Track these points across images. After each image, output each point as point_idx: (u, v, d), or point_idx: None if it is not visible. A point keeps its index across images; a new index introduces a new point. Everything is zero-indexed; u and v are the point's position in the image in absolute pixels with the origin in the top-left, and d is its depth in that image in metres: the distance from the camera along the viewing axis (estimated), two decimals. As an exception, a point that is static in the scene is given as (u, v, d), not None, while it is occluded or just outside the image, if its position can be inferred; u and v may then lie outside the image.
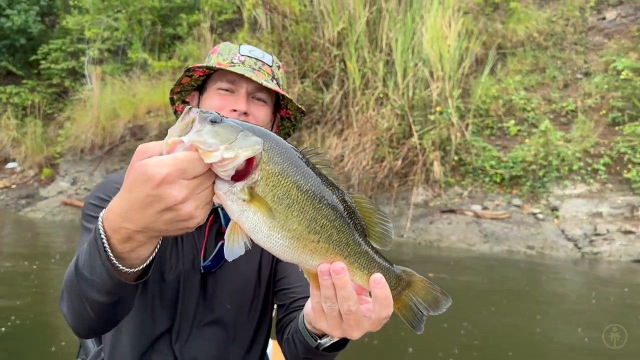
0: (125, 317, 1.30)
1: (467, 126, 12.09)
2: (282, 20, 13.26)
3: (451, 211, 11.18)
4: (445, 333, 5.41)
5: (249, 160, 0.96)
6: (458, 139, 11.79)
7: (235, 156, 0.93)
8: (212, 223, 1.65)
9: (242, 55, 1.70)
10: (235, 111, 1.60)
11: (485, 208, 11.18)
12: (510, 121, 12.23)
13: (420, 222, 11.10)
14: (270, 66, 1.73)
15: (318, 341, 1.31)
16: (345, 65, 12.70)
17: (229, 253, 1.01)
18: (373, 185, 11.65)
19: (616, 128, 11.57)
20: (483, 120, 12.42)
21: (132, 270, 1.09)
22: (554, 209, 10.89)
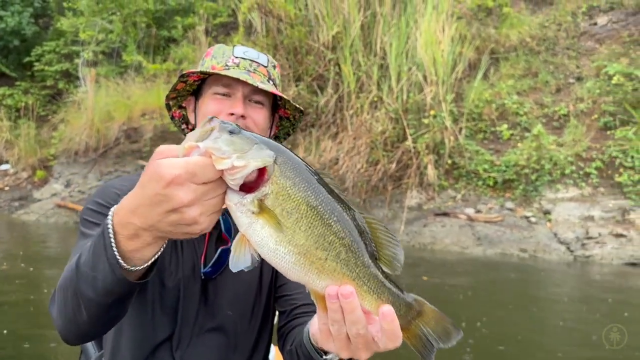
0: (123, 323, 1.28)
1: (461, 130, 12.19)
2: (277, 23, 13.32)
3: (445, 214, 11.27)
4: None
5: (261, 173, 0.96)
6: (451, 143, 11.88)
7: (245, 165, 0.93)
8: (212, 229, 1.61)
9: (237, 57, 1.67)
10: (232, 115, 1.57)
11: (478, 211, 11.27)
12: (503, 125, 12.34)
13: (414, 225, 11.17)
14: (265, 67, 1.70)
15: (324, 357, 1.29)
16: (339, 68, 12.78)
17: (234, 264, 1.01)
18: (367, 188, 11.71)
19: (608, 132, 11.71)
20: (476, 124, 12.53)
21: (135, 268, 1.09)
22: (547, 213, 11.00)
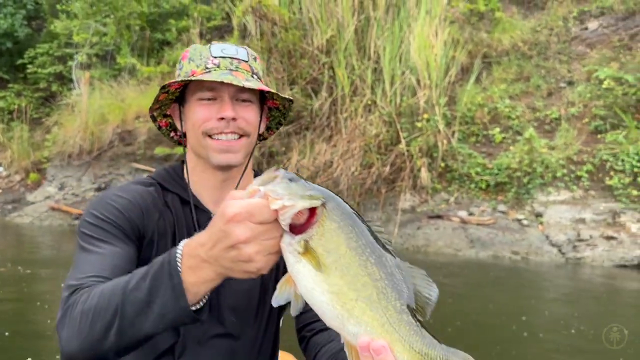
0: None
1: (454, 133, 12.29)
2: (272, 27, 13.36)
3: (438, 217, 11.36)
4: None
5: (311, 216, 1.01)
6: (444, 146, 11.98)
7: (293, 205, 0.98)
8: None
9: (215, 57, 1.60)
10: (222, 119, 1.54)
11: (471, 214, 11.36)
12: (495, 129, 12.45)
13: (407, 228, 11.25)
14: (246, 61, 1.64)
15: None
16: (333, 72, 12.84)
17: (275, 300, 1.06)
18: (361, 191, 11.79)
19: (598, 136, 11.84)
20: (469, 127, 12.64)
21: (192, 305, 1.13)
22: (538, 215, 11.11)
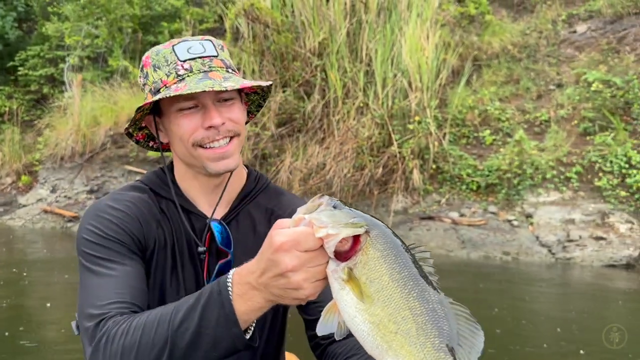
0: None
1: (445, 135, 12.41)
2: (264, 30, 13.43)
3: (430, 218, 11.47)
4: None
5: (355, 244, 1.03)
6: (436, 148, 12.09)
7: (336, 233, 1.00)
8: (211, 242, 1.58)
9: (184, 60, 1.48)
10: (211, 127, 1.47)
11: (462, 215, 11.48)
12: (485, 131, 12.58)
13: (400, 229, 11.34)
14: (217, 56, 1.52)
15: None
16: (326, 74, 12.92)
17: (320, 328, 1.08)
18: (354, 192, 11.88)
19: (587, 138, 11.99)
20: (460, 129, 12.76)
21: (244, 332, 1.16)
22: (529, 216, 11.24)
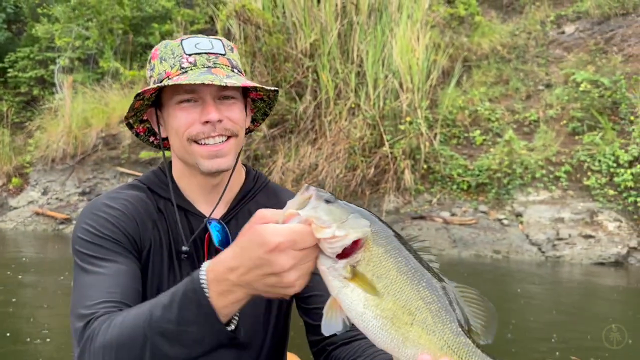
0: None
1: (436, 136, 12.51)
2: (255, 31, 13.46)
3: (421, 217, 11.56)
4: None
5: (356, 241, 1.01)
6: (427, 148, 12.19)
7: (345, 235, 0.98)
8: (210, 242, 1.55)
9: (190, 54, 1.49)
10: (207, 122, 1.45)
11: (453, 214, 11.58)
12: (476, 131, 12.70)
13: (392, 229, 11.43)
14: (224, 54, 1.52)
15: None
16: (317, 76, 12.98)
17: (325, 328, 1.03)
18: (346, 193, 11.94)
19: (576, 137, 12.14)
20: (450, 130, 12.87)
21: (227, 327, 1.11)
22: (519, 215, 11.37)
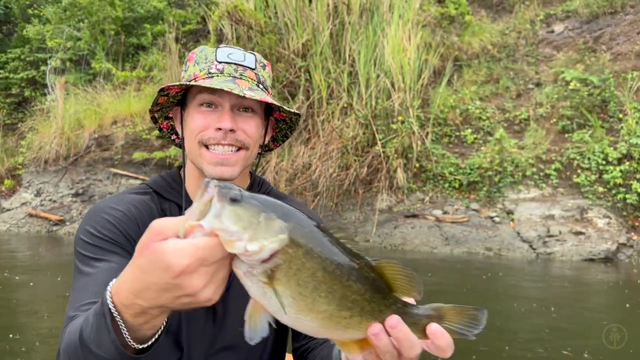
0: None
1: (427, 135, 12.62)
2: (247, 31, 13.51)
3: (414, 216, 11.67)
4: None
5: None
6: (419, 147, 12.30)
7: (260, 249, 0.87)
8: None
9: (220, 62, 1.53)
10: (220, 129, 1.47)
11: (445, 212, 11.69)
12: (467, 130, 12.83)
13: (385, 227, 11.53)
14: (253, 69, 1.56)
15: None
16: (310, 76, 13.05)
17: (252, 335, 0.94)
18: (339, 192, 12.03)
19: (566, 135, 12.29)
20: (442, 129, 12.99)
21: (141, 346, 1.04)
22: (510, 213, 11.49)
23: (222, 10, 13.55)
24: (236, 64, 1.53)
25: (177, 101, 1.61)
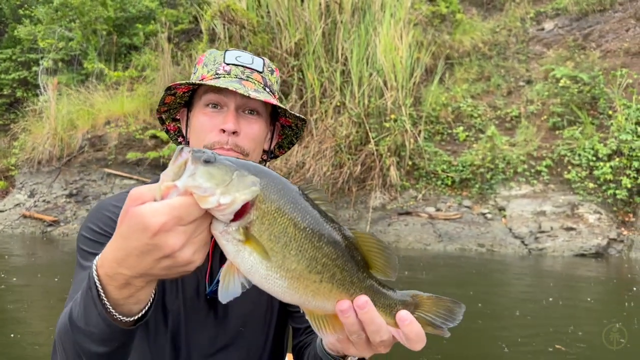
0: None
1: (420, 132, 12.71)
2: (240, 31, 13.54)
3: (407, 213, 11.76)
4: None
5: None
6: (412, 145, 12.39)
7: (232, 201, 0.90)
8: (215, 246, 1.50)
9: (228, 64, 1.55)
10: (224, 131, 1.47)
11: (438, 209, 11.79)
12: (459, 127, 12.93)
13: (378, 225, 11.62)
14: (260, 72, 1.57)
15: None
16: (303, 75, 13.11)
17: (224, 294, 0.96)
18: (333, 190, 12.10)
19: (556, 132, 12.41)
20: (434, 126, 13.09)
21: (131, 318, 1.05)
22: (502, 209, 11.60)
23: (215, 9, 13.57)
24: (244, 66, 1.55)
25: (185, 102, 1.62)
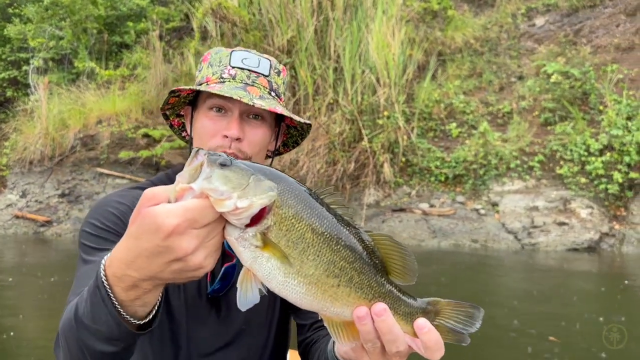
0: None
1: (413, 129, 12.75)
2: (232, 28, 13.51)
3: (401, 210, 11.80)
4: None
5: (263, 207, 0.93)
6: (405, 142, 12.42)
7: (249, 205, 0.89)
8: None
9: (233, 67, 1.53)
10: (227, 137, 1.47)
11: (432, 206, 11.85)
12: (451, 124, 12.97)
13: (373, 222, 11.65)
14: (267, 76, 1.55)
15: None
16: (295, 72, 13.10)
17: (243, 302, 0.95)
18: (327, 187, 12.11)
19: (548, 128, 12.48)
20: (427, 123, 13.13)
21: (138, 322, 1.03)
22: (495, 205, 11.67)
23: (206, 7, 13.54)
24: (249, 70, 1.53)
25: (189, 100, 1.63)
